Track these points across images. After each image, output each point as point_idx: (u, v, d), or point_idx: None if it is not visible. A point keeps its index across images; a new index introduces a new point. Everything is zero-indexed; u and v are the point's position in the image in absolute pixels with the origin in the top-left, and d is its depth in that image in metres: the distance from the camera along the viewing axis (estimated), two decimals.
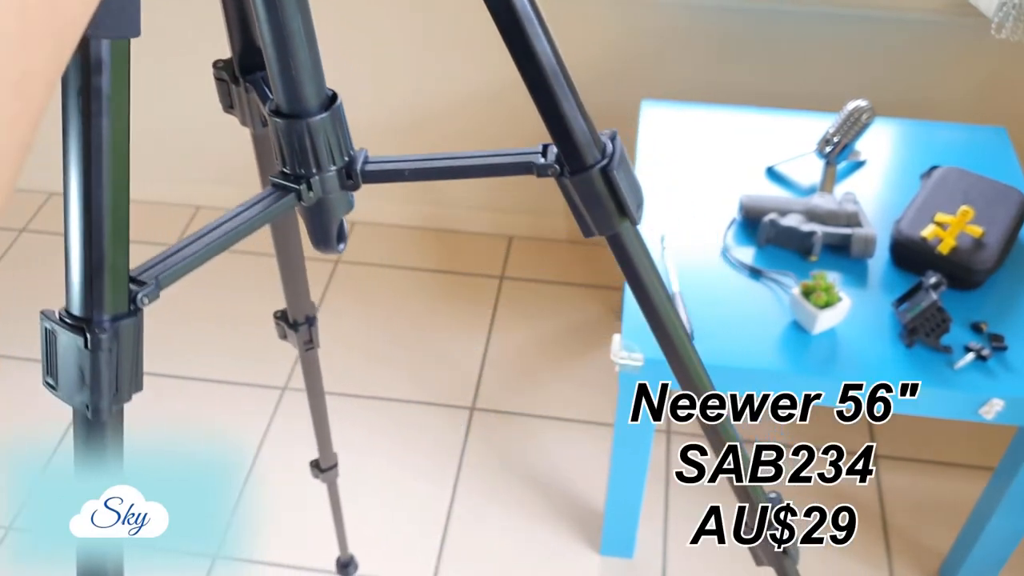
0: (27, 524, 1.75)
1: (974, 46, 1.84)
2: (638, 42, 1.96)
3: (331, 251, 0.65)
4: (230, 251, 1.74)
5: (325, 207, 0.61)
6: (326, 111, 0.57)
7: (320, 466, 1.34)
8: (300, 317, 1.11)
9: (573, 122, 0.57)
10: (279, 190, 0.59)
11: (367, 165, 0.60)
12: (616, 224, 0.61)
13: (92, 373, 0.51)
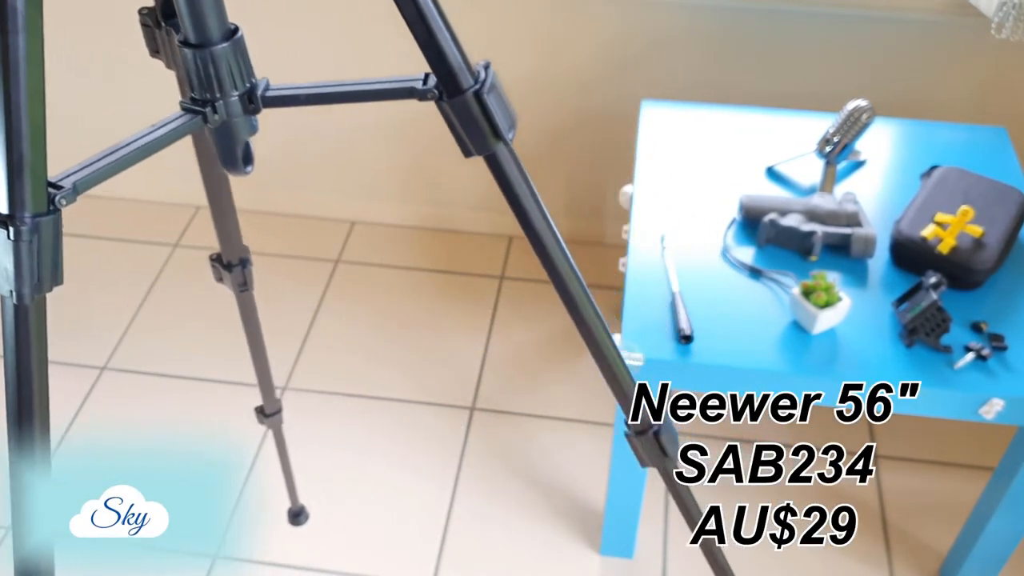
0: None
1: (974, 46, 1.84)
2: (638, 42, 1.96)
3: (237, 171, 0.72)
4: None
5: (230, 130, 0.69)
6: (228, 41, 0.64)
7: (264, 411, 1.37)
8: (234, 259, 1.18)
9: (448, 52, 0.64)
10: (189, 113, 0.67)
11: (267, 91, 0.68)
12: (491, 144, 0.68)
13: (15, 262, 0.59)
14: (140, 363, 2.05)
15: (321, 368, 2.04)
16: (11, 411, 0.66)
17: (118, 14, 2.12)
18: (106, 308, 2.18)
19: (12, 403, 0.66)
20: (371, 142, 2.25)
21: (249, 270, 1.19)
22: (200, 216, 2.42)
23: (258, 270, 2.28)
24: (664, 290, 1.42)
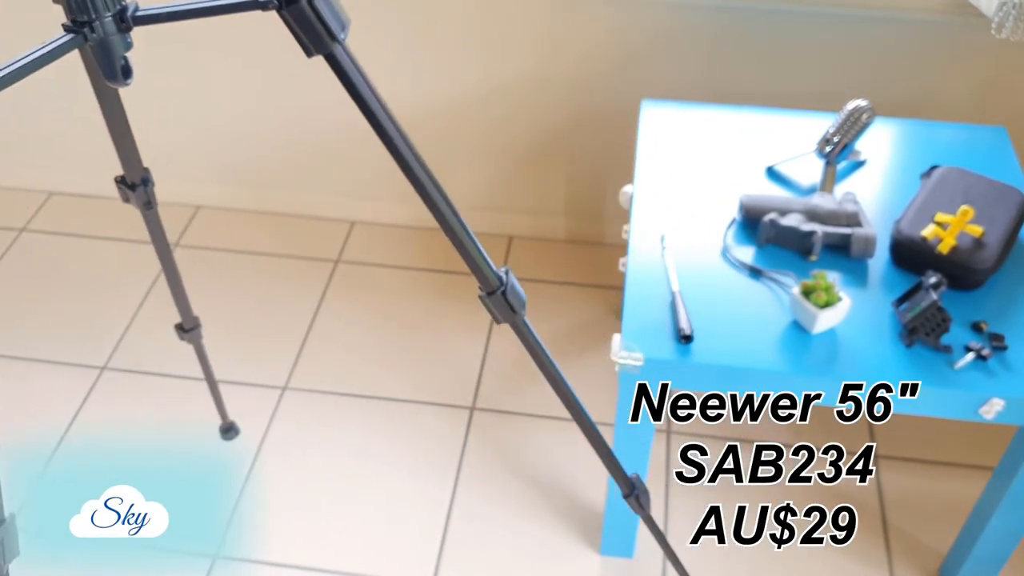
0: (28, 524, 1.76)
1: (974, 46, 1.85)
2: (638, 42, 1.96)
3: (118, 83, 0.83)
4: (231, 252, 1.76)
5: (108, 47, 0.80)
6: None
7: (184, 327, 1.48)
8: (136, 179, 1.30)
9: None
10: (69, 33, 0.77)
11: (136, 13, 0.79)
12: (328, 45, 0.78)
13: None
14: (140, 363, 2.05)
15: (321, 368, 2.04)
16: None
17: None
18: (106, 308, 2.18)
19: None
20: (371, 142, 2.25)
21: (151, 188, 1.29)
22: (200, 216, 2.42)
23: (258, 270, 2.28)
24: (664, 290, 1.42)
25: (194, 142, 2.34)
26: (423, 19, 2.00)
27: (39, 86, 2.31)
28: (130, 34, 0.82)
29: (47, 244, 2.36)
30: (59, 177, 2.48)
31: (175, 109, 2.28)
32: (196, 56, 2.17)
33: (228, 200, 2.44)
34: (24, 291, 2.23)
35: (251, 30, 2.09)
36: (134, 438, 1.90)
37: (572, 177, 2.22)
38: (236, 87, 2.21)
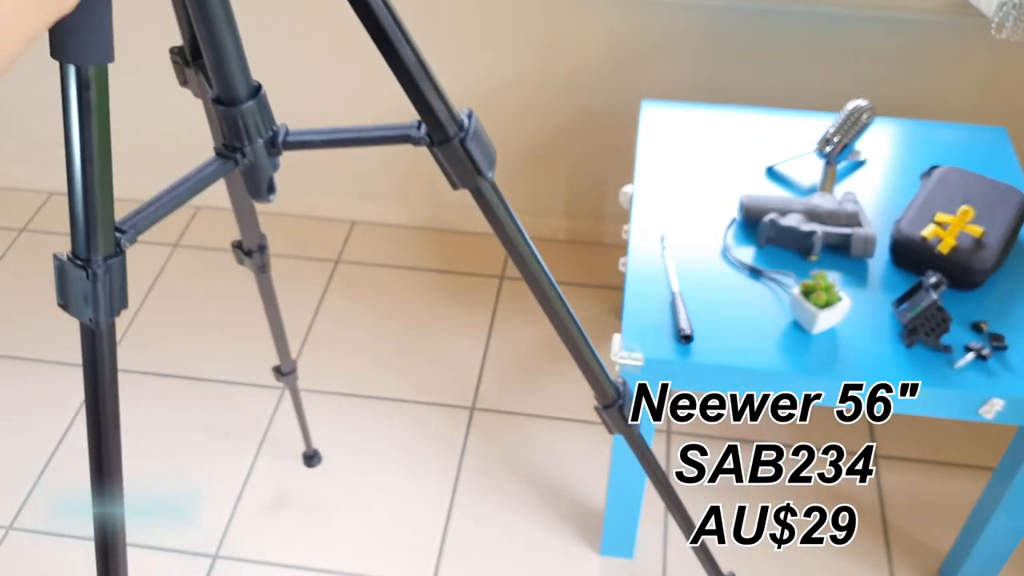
0: (28, 524, 1.76)
1: (974, 46, 1.85)
2: (638, 42, 1.96)
3: (262, 200, 0.85)
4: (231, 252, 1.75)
5: (257, 168, 0.82)
6: (253, 99, 0.76)
7: (281, 371, 1.59)
8: (253, 246, 1.38)
9: (435, 106, 0.76)
10: (222, 158, 0.78)
11: (287, 137, 0.80)
12: (475, 180, 0.80)
13: (93, 297, 0.74)
14: (140, 363, 2.05)
15: (321, 368, 2.04)
16: (90, 418, 0.79)
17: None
18: None
19: (91, 410, 0.79)
20: None
21: (267, 254, 1.39)
22: (200, 216, 2.42)
23: None
24: (664, 290, 1.42)
25: (194, 142, 2.34)
26: (424, 19, 2.00)
27: (39, 86, 2.32)
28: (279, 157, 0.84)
29: (47, 244, 2.36)
30: (59, 177, 2.48)
31: (175, 109, 2.28)
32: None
33: (228, 200, 2.44)
34: (24, 291, 2.23)
35: (252, 30, 2.09)
36: (133, 438, 1.90)
37: (572, 177, 2.22)
38: None
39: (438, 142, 0.77)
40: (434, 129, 0.77)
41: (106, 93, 0.64)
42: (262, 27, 2.07)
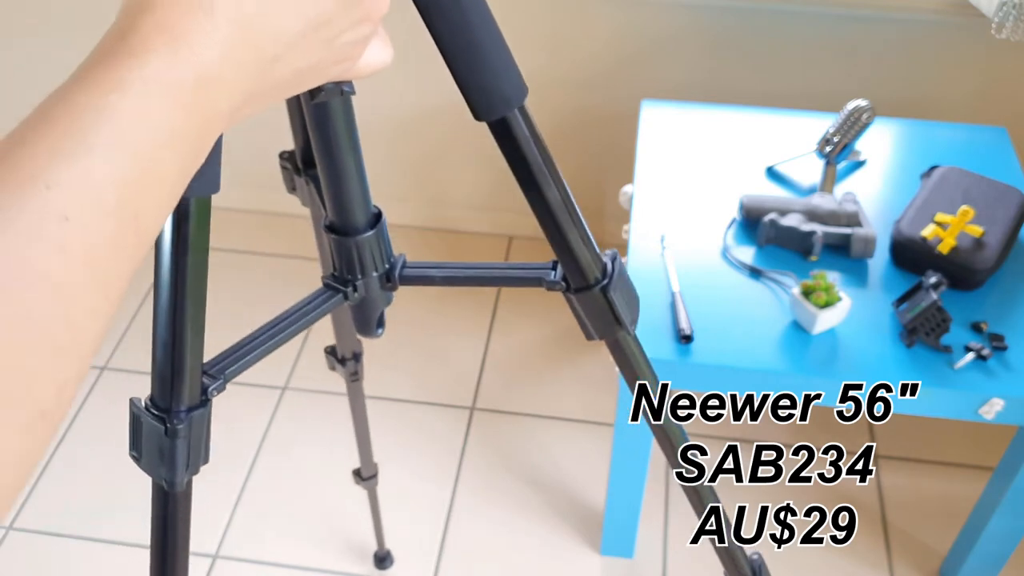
0: (28, 524, 1.76)
1: (974, 46, 1.84)
2: (638, 42, 1.96)
3: (370, 336, 0.75)
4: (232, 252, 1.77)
5: (367, 303, 0.72)
6: (372, 229, 0.67)
7: (362, 475, 1.49)
8: (348, 353, 1.29)
9: (577, 250, 0.65)
10: (331, 290, 0.70)
11: (404, 270, 0.71)
12: (614, 332, 0.70)
13: (170, 454, 0.62)
14: (140, 363, 2.05)
15: (321, 368, 2.04)
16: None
17: None
18: None
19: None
20: (371, 142, 2.25)
21: (361, 363, 1.31)
22: None
23: (258, 270, 2.28)
24: (664, 290, 1.42)
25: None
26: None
27: (40, 86, 2.31)
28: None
29: None
30: None
31: None
32: None
33: (228, 200, 2.44)
34: None
35: None
36: None
37: (572, 177, 2.22)
38: None
39: (575, 288, 0.67)
40: (573, 274, 0.66)
41: (207, 227, 0.57)
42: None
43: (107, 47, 0.35)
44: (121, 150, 0.32)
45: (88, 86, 0.33)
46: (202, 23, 0.35)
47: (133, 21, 0.35)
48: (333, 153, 0.62)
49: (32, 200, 0.30)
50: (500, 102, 0.58)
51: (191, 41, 0.35)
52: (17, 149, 0.31)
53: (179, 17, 0.35)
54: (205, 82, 0.35)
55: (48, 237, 0.30)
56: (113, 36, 0.35)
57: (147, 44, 0.34)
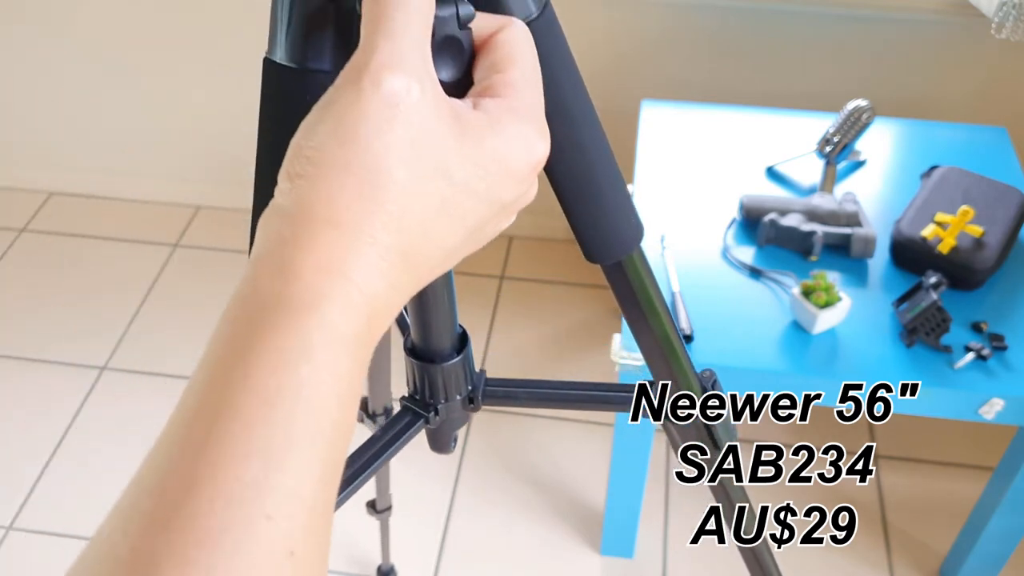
0: (28, 524, 1.76)
1: (974, 46, 1.84)
2: (638, 42, 1.96)
3: (445, 453, 0.72)
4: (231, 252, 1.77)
5: (446, 423, 0.69)
6: (458, 355, 0.65)
7: (376, 507, 1.49)
8: (379, 408, 1.28)
9: (680, 378, 0.64)
10: (410, 415, 0.66)
11: (487, 389, 0.68)
12: (710, 455, 0.67)
13: None
14: (140, 363, 2.05)
15: None
16: None
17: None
18: (106, 308, 2.18)
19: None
20: None
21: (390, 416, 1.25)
22: (200, 216, 2.42)
23: None
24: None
25: (194, 141, 2.34)
26: None
27: (40, 86, 2.31)
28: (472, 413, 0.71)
29: (47, 244, 2.36)
30: (59, 177, 2.48)
31: (176, 109, 2.28)
32: (197, 56, 2.17)
33: (228, 200, 2.44)
34: (24, 291, 2.22)
35: (252, 30, 2.09)
36: (134, 438, 1.90)
37: None
38: (237, 87, 2.21)
39: (676, 417, 0.64)
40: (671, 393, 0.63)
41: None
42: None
43: (267, 290, 0.32)
44: (322, 440, 0.30)
45: (270, 358, 0.30)
46: (368, 256, 0.32)
47: (290, 258, 0.32)
48: (425, 296, 0.60)
49: (259, 536, 0.28)
50: (618, 247, 0.56)
51: (360, 279, 0.32)
52: (221, 460, 0.29)
53: (344, 253, 0.32)
54: (375, 316, 0.33)
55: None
56: (267, 272, 0.32)
57: (318, 291, 0.31)
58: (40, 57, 2.25)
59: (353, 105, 0.33)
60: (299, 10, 0.41)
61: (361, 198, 0.32)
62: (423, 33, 0.35)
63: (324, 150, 0.33)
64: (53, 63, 2.25)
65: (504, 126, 0.36)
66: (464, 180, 0.35)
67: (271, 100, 0.44)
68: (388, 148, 0.32)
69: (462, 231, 0.36)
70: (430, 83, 0.34)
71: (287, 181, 0.33)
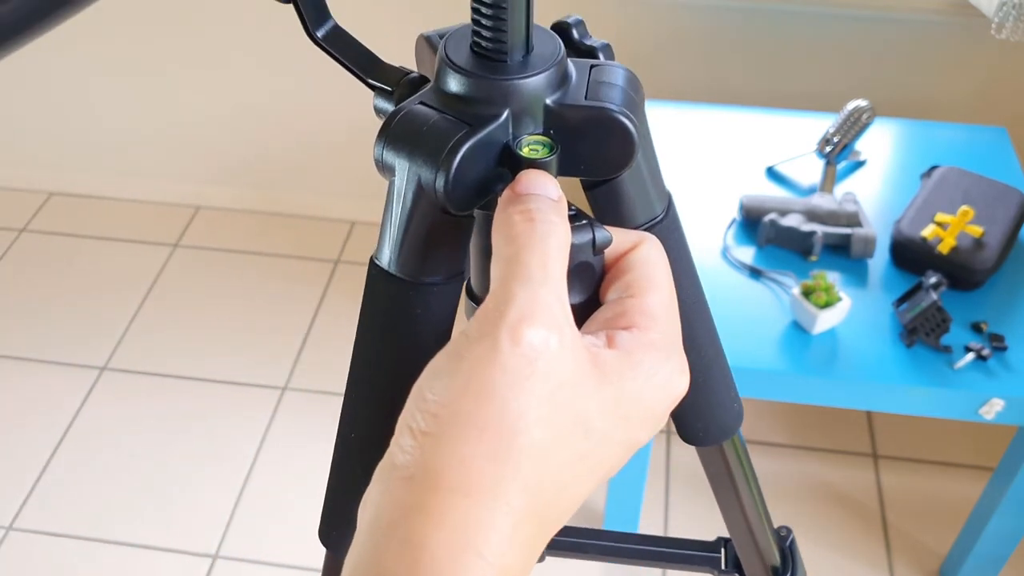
0: (28, 524, 1.76)
1: (974, 46, 1.84)
2: (638, 42, 1.96)
3: None
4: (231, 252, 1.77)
5: None
6: None
7: None
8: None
9: (762, 546, 0.64)
10: None
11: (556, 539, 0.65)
12: None
13: None
14: (140, 363, 2.05)
15: (321, 368, 2.04)
16: None
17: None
18: (106, 308, 2.18)
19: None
20: (371, 142, 2.25)
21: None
22: (200, 216, 2.42)
23: (258, 270, 2.28)
24: None
25: (194, 141, 2.34)
26: (423, 19, 2.00)
27: (40, 86, 2.31)
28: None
29: (47, 244, 2.36)
30: (59, 177, 2.48)
31: (176, 109, 2.28)
32: (196, 56, 2.17)
33: (228, 200, 2.44)
34: (24, 291, 2.22)
35: (253, 30, 2.09)
36: (134, 438, 1.90)
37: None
38: (237, 87, 2.21)
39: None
40: (750, 564, 0.64)
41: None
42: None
43: (393, 570, 0.29)
44: None
45: None
46: (502, 528, 0.29)
47: (417, 533, 0.29)
48: None
49: None
50: (718, 432, 0.55)
51: (493, 555, 0.29)
52: None
53: (477, 526, 0.29)
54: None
55: None
56: (392, 548, 0.29)
57: (450, 573, 0.28)
58: (40, 57, 2.25)
59: (489, 361, 0.30)
60: (415, 229, 0.40)
61: (496, 462, 0.29)
62: (561, 274, 0.32)
63: (454, 407, 0.30)
64: (53, 63, 2.25)
65: (644, 366, 0.33)
66: (603, 430, 0.32)
67: (378, 305, 0.43)
68: (527, 407, 0.30)
69: (597, 479, 0.34)
70: (569, 330, 0.32)
71: (410, 437, 0.30)
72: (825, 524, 1.74)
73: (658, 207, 0.44)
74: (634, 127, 0.39)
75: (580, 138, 0.39)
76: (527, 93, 0.38)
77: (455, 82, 0.39)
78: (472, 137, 0.37)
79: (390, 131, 0.39)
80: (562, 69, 0.39)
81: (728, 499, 0.61)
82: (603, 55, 0.42)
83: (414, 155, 0.38)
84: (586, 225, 0.36)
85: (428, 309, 0.41)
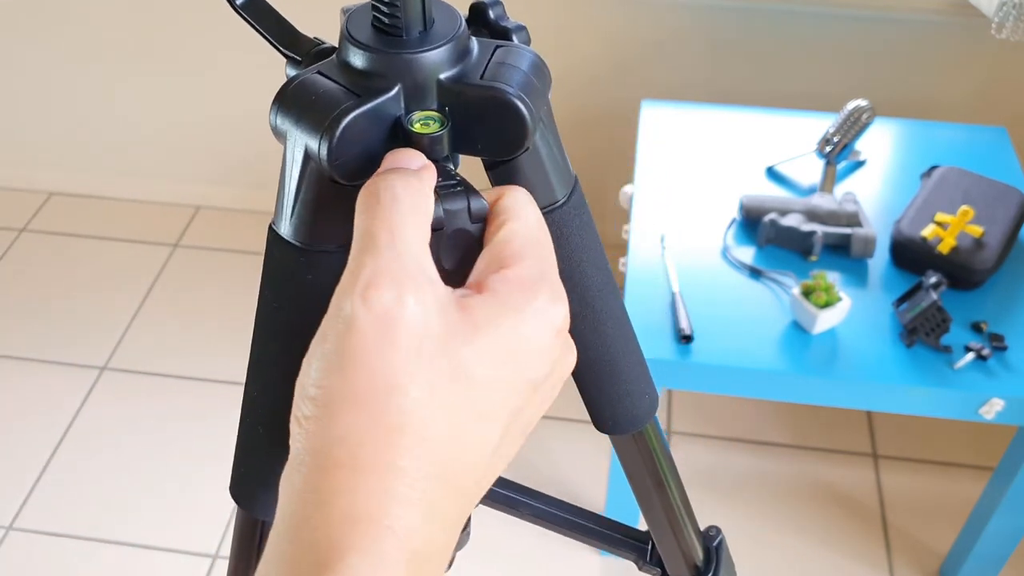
0: (28, 524, 1.76)
1: (974, 46, 1.84)
2: (638, 42, 1.96)
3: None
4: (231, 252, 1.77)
5: None
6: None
7: None
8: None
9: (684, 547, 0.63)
10: None
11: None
12: None
13: None
14: (140, 363, 2.05)
15: None
16: None
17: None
18: (106, 308, 2.18)
19: None
20: None
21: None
22: (200, 216, 2.42)
23: (258, 270, 2.28)
24: (664, 290, 1.42)
25: (194, 141, 2.34)
26: None
27: (40, 86, 2.31)
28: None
29: (47, 244, 2.35)
30: (59, 177, 2.48)
31: (176, 109, 2.28)
32: (196, 56, 2.17)
33: (228, 200, 2.44)
34: (24, 291, 2.22)
35: (252, 30, 2.08)
36: (134, 438, 1.90)
37: None
38: (237, 87, 2.21)
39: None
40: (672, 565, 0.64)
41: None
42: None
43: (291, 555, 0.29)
44: None
45: None
46: (395, 491, 0.29)
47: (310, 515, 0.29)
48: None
49: None
50: (627, 422, 0.55)
51: (391, 522, 0.29)
52: None
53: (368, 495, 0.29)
54: (417, 555, 0.29)
55: None
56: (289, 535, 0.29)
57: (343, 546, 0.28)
58: (40, 57, 2.25)
59: (348, 332, 0.30)
60: (304, 196, 0.40)
61: (375, 428, 0.29)
62: (414, 237, 0.32)
63: (326, 386, 0.30)
64: (53, 63, 2.25)
65: (513, 300, 0.33)
66: (489, 375, 0.32)
67: (273, 270, 0.43)
68: (393, 366, 0.30)
69: (499, 428, 0.33)
70: (428, 285, 0.32)
71: (297, 426, 0.31)
72: (825, 524, 1.74)
73: (559, 192, 0.45)
74: (528, 110, 0.39)
75: (474, 117, 0.39)
76: (420, 68, 0.38)
77: (352, 54, 0.39)
78: (359, 108, 0.37)
79: (284, 97, 0.40)
80: (460, 46, 0.39)
81: (644, 492, 0.60)
82: (516, 37, 0.42)
83: (301, 122, 0.39)
84: (460, 192, 0.37)
85: (319, 276, 0.41)
